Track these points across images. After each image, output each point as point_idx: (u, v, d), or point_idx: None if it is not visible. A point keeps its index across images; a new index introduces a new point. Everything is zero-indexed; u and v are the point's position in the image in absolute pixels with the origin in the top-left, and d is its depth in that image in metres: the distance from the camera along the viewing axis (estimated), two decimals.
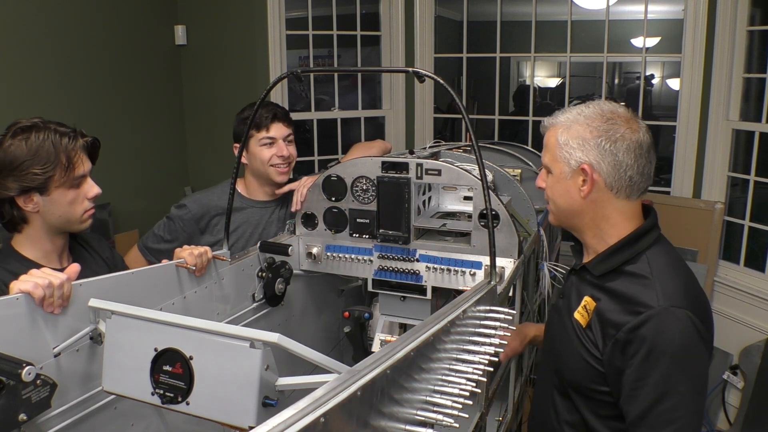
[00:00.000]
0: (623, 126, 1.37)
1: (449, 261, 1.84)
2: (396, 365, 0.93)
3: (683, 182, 3.50)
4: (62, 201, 1.54)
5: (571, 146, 1.38)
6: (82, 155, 1.58)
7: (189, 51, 3.97)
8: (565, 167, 1.40)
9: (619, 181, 1.37)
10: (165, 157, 3.92)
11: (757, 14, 3.24)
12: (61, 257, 1.63)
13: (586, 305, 1.40)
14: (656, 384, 1.26)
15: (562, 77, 5.51)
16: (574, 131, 1.39)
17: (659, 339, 1.26)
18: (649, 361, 1.27)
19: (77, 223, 1.60)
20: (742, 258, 3.34)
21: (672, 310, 1.27)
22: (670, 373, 1.26)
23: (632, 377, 1.29)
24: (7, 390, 1.06)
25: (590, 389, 1.40)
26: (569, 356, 1.43)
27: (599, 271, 1.41)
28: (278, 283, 1.81)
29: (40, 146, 1.50)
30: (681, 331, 1.27)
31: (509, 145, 2.81)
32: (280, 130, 2.14)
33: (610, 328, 1.33)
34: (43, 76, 3.06)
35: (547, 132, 1.47)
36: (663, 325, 1.26)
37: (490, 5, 3.97)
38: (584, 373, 1.39)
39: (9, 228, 1.58)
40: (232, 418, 1.05)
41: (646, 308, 1.29)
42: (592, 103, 1.43)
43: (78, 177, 1.56)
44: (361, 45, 4.09)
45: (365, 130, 4.19)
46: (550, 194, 1.47)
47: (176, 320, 1.12)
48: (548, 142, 1.45)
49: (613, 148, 1.35)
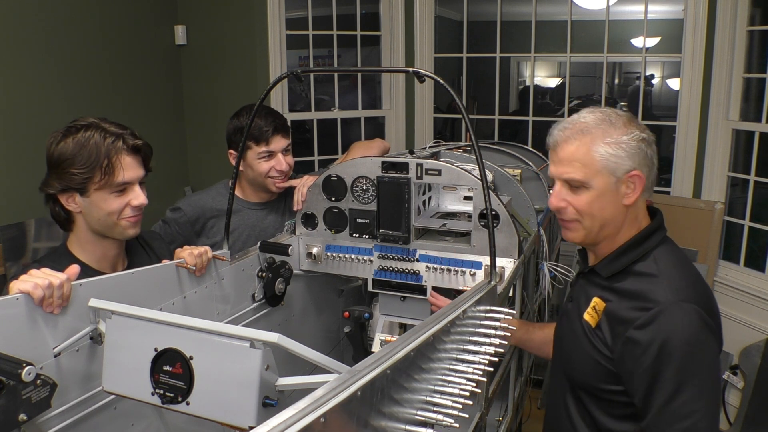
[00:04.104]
0: (640, 127, 1.36)
1: (449, 261, 1.84)
2: (396, 365, 0.93)
3: (683, 182, 3.50)
4: (102, 205, 1.51)
5: (619, 155, 1.32)
6: (125, 159, 1.51)
7: (189, 51, 3.97)
8: (611, 178, 1.33)
9: (651, 183, 1.37)
10: (165, 157, 3.91)
11: (757, 14, 3.24)
12: (115, 264, 1.60)
13: (595, 306, 1.40)
14: (671, 378, 1.26)
15: (562, 77, 5.50)
16: (614, 139, 1.32)
17: (671, 334, 1.26)
18: (663, 356, 1.26)
19: (117, 230, 1.55)
20: (742, 258, 3.34)
21: (681, 304, 1.27)
22: (684, 366, 1.25)
23: (647, 374, 1.28)
24: (7, 390, 1.06)
25: (601, 389, 1.39)
26: (579, 357, 1.43)
27: (608, 272, 1.41)
28: (278, 283, 1.81)
29: (83, 146, 1.48)
30: (691, 325, 1.26)
31: (509, 145, 2.81)
32: (279, 143, 2.11)
33: (620, 326, 1.33)
34: (43, 76, 3.06)
35: (566, 144, 1.36)
36: (673, 319, 1.26)
37: (490, 5, 3.97)
38: (594, 374, 1.39)
39: (62, 227, 1.57)
40: (232, 418, 1.05)
41: (655, 304, 1.28)
42: (597, 110, 1.39)
43: (120, 183, 1.51)
44: (361, 45, 4.09)
45: (365, 130, 4.19)
46: (586, 210, 1.37)
47: (176, 320, 1.12)
48: (577, 155, 1.34)
49: (651, 152, 1.35)
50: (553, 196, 1.41)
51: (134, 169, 1.54)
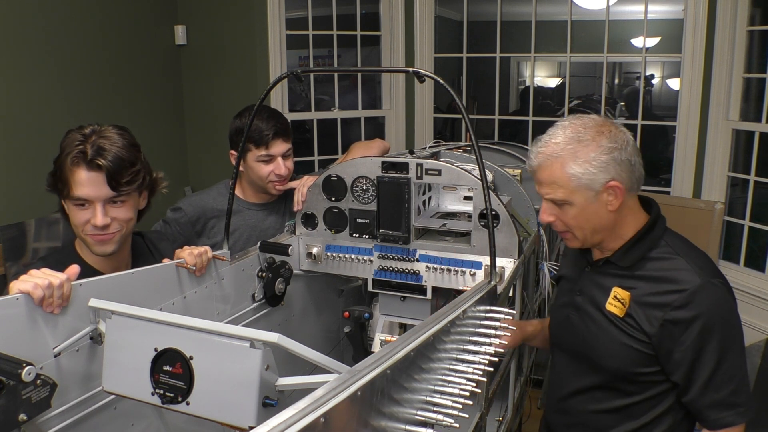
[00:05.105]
0: (617, 131, 1.42)
1: (449, 261, 1.84)
2: (396, 365, 0.93)
3: (683, 182, 3.50)
4: (71, 215, 1.49)
5: (591, 172, 1.39)
6: (80, 174, 1.42)
7: (189, 51, 3.97)
8: (589, 193, 1.41)
9: (635, 182, 1.43)
10: (165, 157, 3.92)
11: (757, 14, 3.23)
12: (119, 266, 1.57)
13: (617, 295, 1.46)
14: (715, 350, 1.38)
15: (562, 77, 5.50)
16: (584, 156, 1.39)
17: (710, 310, 1.37)
18: (705, 332, 1.37)
19: (87, 244, 1.50)
20: (742, 258, 3.34)
21: (711, 281, 1.39)
22: (724, 337, 1.38)
23: (690, 350, 1.38)
24: (7, 390, 1.06)
25: (636, 373, 1.46)
26: (608, 346, 1.48)
27: (628, 262, 1.47)
28: (278, 283, 1.81)
29: (60, 151, 1.46)
30: (724, 299, 1.40)
31: (509, 145, 2.81)
32: (279, 147, 2.09)
33: (655, 311, 1.40)
34: (43, 76, 3.06)
35: (542, 170, 1.45)
36: (710, 297, 1.38)
37: (490, 5, 3.97)
38: (629, 360, 1.45)
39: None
40: (232, 418, 1.05)
41: (687, 284, 1.38)
42: (569, 125, 1.44)
43: (76, 198, 1.44)
44: (361, 45, 4.09)
45: (365, 130, 4.19)
46: (573, 224, 1.46)
47: (176, 320, 1.12)
48: (553, 177, 1.43)
49: (626, 155, 1.40)
50: (542, 212, 1.51)
51: (91, 187, 1.43)
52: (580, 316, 1.56)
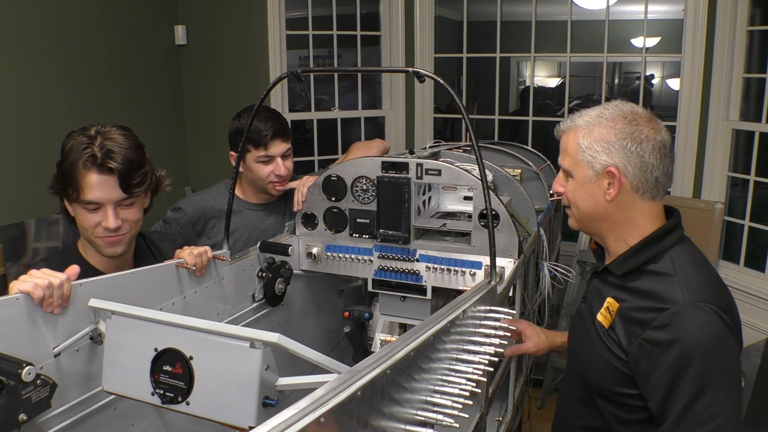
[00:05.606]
0: (646, 126, 1.35)
1: (449, 261, 1.84)
2: (396, 365, 0.93)
3: (683, 182, 3.50)
4: (79, 218, 1.49)
5: (595, 149, 1.36)
6: (92, 178, 1.42)
7: (189, 51, 3.97)
8: (589, 171, 1.38)
9: (646, 183, 1.36)
10: (165, 156, 3.92)
11: (757, 14, 3.23)
12: (121, 267, 1.57)
13: (609, 306, 1.39)
14: (691, 381, 1.22)
15: (562, 77, 5.51)
16: (596, 134, 1.37)
17: (689, 335, 1.23)
18: (682, 359, 1.23)
19: (96, 246, 1.51)
20: (742, 258, 3.34)
21: (698, 304, 1.25)
22: (704, 369, 1.22)
23: (666, 377, 1.25)
24: (7, 390, 1.06)
25: (615, 392, 1.38)
26: (592, 359, 1.41)
27: (621, 270, 1.39)
28: (278, 283, 1.81)
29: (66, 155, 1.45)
30: (709, 325, 1.24)
31: (509, 145, 2.81)
32: (278, 148, 2.09)
33: (635, 327, 1.31)
34: (43, 76, 3.06)
35: (565, 135, 1.44)
36: (691, 320, 1.24)
37: (490, 5, 3.97)
38: (608, 377, 1.37)
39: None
40: (232, 418, 1.05)
41: (671, 304, 1.26)
42: (610, 105, 1.41)
43: (88, 201, 1.44)
44: (361, 45, 4.09)
45: (365, 130, 4.19)
46: (571, 198, 1.44)
47: (176, 320, 1.12)
48: (567, 146, 1.42)
49: (639, 150, 1.34)
50: (555, 180, 1.50)
51: (103, 190, 1.44)
52: (580, 324, 1.52)
